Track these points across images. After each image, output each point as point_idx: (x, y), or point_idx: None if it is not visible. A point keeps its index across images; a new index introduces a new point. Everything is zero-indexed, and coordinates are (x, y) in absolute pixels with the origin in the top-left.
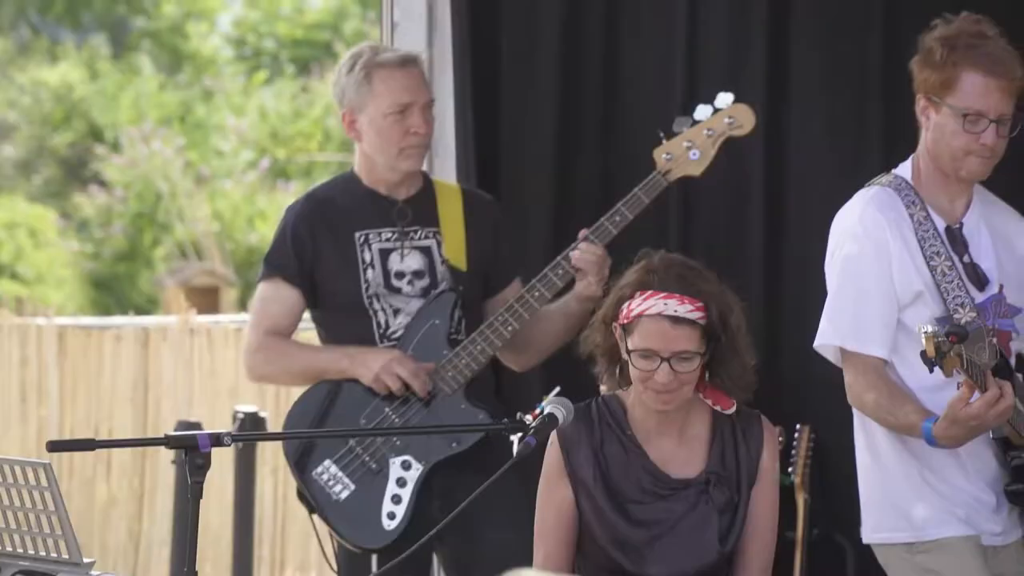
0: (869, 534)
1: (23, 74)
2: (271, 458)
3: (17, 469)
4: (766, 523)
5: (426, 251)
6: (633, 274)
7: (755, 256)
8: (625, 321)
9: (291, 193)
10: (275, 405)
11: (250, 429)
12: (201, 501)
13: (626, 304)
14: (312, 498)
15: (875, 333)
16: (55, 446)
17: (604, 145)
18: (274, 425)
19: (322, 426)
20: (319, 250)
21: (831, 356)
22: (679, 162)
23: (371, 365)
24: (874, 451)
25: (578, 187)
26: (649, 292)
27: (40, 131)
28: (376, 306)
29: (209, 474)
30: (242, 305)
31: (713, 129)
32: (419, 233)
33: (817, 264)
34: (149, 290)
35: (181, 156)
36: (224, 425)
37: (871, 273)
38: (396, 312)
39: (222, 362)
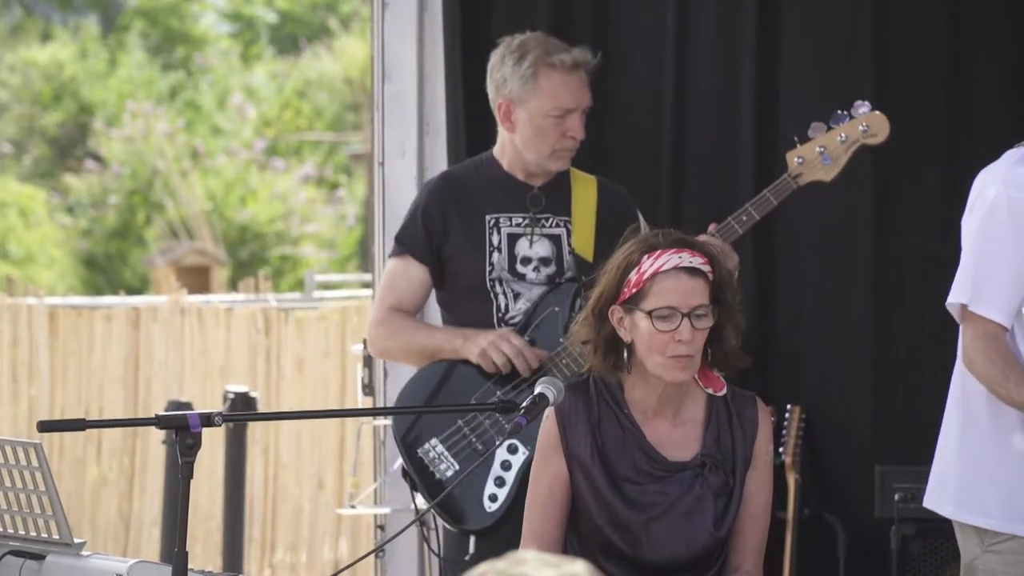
0: (954, 510)
1: (13, 54)
2: (261, 438)
3: (8, 449)
4: (761, 506)
5: (555, 239)
6: (631, 246)
7: (747, 236)
8: (635, 289)
9: (282, 172)
10: (265, 385)
11: (241, 409)
12: (192, 481)
13: (634, 271)
14: (416, 475)
15: (999, 297)
16: (45, 426)
17: (594, 131)
18: (264, 405)
19: (435, 406)
20: (448, 229)
21: (956, 315)
22: (811, 167)
23: (480, 341)
24: (971, 425)
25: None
26: (658, 251)
27: (30, 110)
28: (498, 289)
29: (200, 454)
30: (233, 285)
31: (847, 136)
32: (550, 221)
33: (808, 246)
34: (141, 269)
35: (180, 135)
36: (215, 405)
37: (1006, 235)
38: (517, 296)
39: (213, 342)
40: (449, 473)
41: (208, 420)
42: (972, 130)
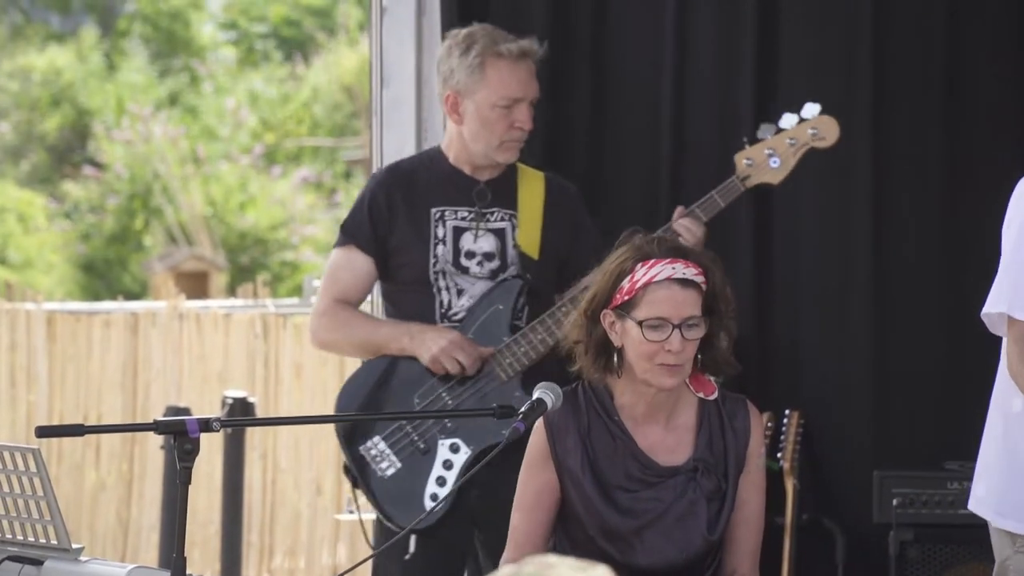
0: (995, 517)
1: (11, 60)
2: (260, 443)
3: (6, 454)
4: (754, 509)
5: (500, 234)
6: (625, 252)
7: (744, 241)
8: (627, 297)
9: (279, 178)
10: (264, 390)
11: (239, 414)
12: (190, 486)
13: (627, 279)
14: (357, 472)
15: None
16: (44, 431)
17: (593, 133)
18: (263, 411)
19: (375, 403)
20: (394, 220)
21: (993, 326)
22: (759, 169)
23: (430, 346)
24: (1012, 430)
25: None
26: (652, 260)
27: (29, 116)
28: (441, 283)
29: (198, 459)
30: (231, 290)
31: (796, 139)
32: (496, 215)
33: (807, 251)
34: (139, 275)
35: (181, 141)
36: (213, 410)
37: None
38: (460, 293)
39: (211, 347)
40: (391, 472)
41: (206, 425)
42: (971, 129)
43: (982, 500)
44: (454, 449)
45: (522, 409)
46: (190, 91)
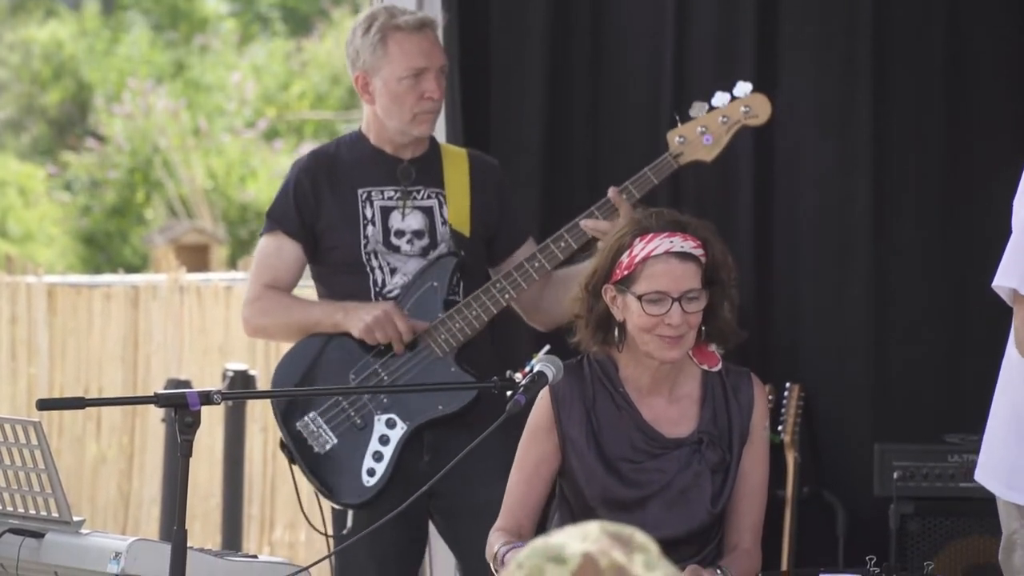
0: (1005, 491)
1: (13, 33)
2: (260, 416)
3: (7, 427)
4: (757, 481)
5: (427, 211)
6: (624, 227)
7: (745, 215)
8: (627, 272)
9: (281, 152)
10: (265, 363)
11: (240, 387)
12: (191, 459)
13: (626, 253)
14: (293, 449)
15: None
16: (45, 404)
17: (593, 124)
18: (264, 383)
19: (311, 380)
20: (320, 204)
21: (1006, 297)
22: (692, 146)
23: (364, 316)
24: (1021, 406)
25: (569, 168)
26: (651, 234)
27: (30, 89)
28: (374, 263)
29: (199, 432)
30: (232, 263)
31: (728, 117)
32: (422, 193)
33: (807, 225)
34: (140, 248)
35: (182, 114)
36: (214, 383)
37: None
38: (393, 271)
39: (212, 320)
40: (328, 447)
41: (207, 398)
42: (970, 114)
43: (990, 473)
44: (390, 424)
45: (523, 382)
46: (192, 64)
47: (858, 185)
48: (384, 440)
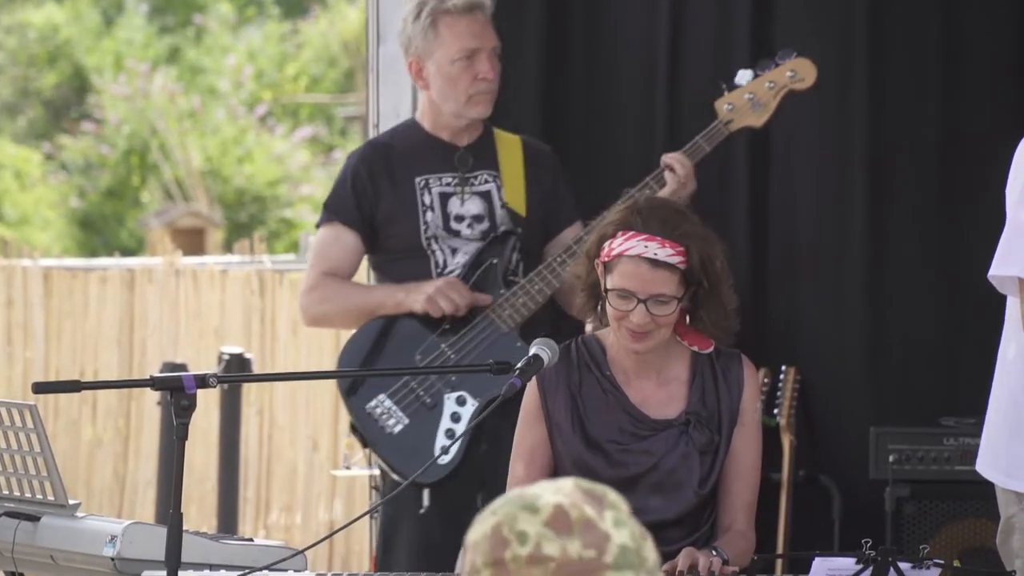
0: (1004, 479)
1: (9, 16)
2: (256, 399)
3: (3, 411)
4: (749, 463)
5: (486, 196)
6: (617, 213)
7: (740, 199)
8: (606, 259)
9: (278, 136)
10: (260, 347)
11: (236, 370)
12: (186, 442)
13: (607, 242)
14: (365, 432)
15: None
16: (40, 387)
17: (586, 126)
18: (259, 367)
19: (375, 362)
20: (379, 193)
21: (1002, 286)
22: (741, 112)
23: (426, 289)
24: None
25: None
26: (631, 232)
27: (25, 72)
28: (435, 247)
29: (194, 415)
30: (228, 247)
31: (775, 82)
32: (479, 178)
33: (803, 207)
34: (136, 231)
35: (179, 97)
36: (210, 366)
37: None
38: (455, 251)
39: (207, 304)
40: (398, 428)
41: (203, 382)
42: (966, 98)
43: (990, 463)
44: (460, 402)
45: (518, 365)
46: (189, 47)
47: (855, 172)
48: (455, 418)
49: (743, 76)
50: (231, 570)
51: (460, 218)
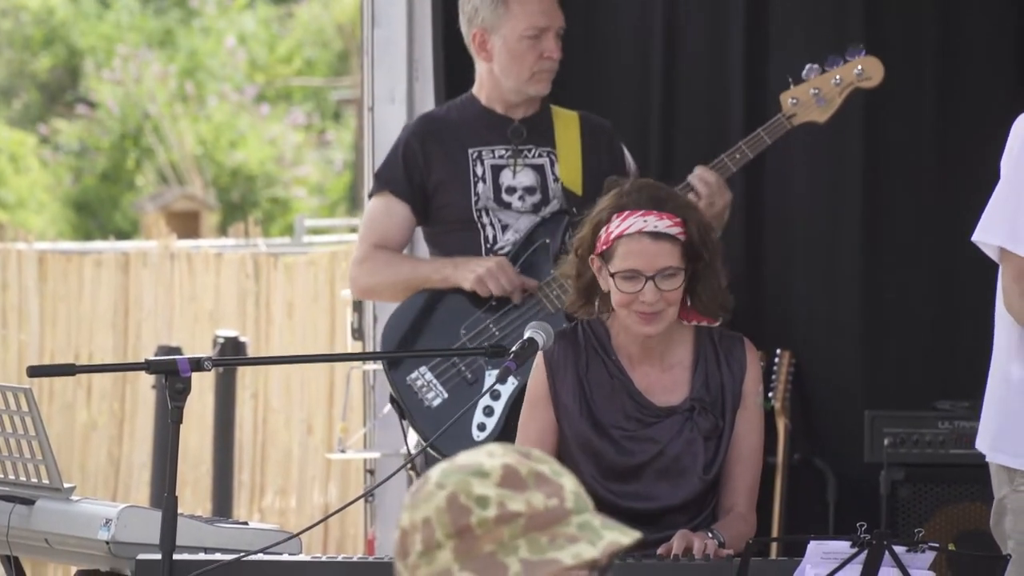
0: (990, 452)
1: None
2: (251, 383)
3: None
4: (751, 446)
5: (539, 169)
6: (605, 201)
7: (736, 183)
8: (604, 247)
9: (269, 118)
10: (255, 330)
11: (230, 354)
12: (181, 426)
13: (603, 229)
14: (404, 402)
15: None
16: (35, 371)
17: (586, 61)
18: (254, 350)
19: (419, 335)
20: (430, 164)
21: (990, 253)
22: (805, 107)
23: (475, 267)
24: (1007, 365)
25: None
26: (626, 212)
27: (20, 55)
28: (485, 220)
29: (189, 398)
30: (222, 230)
31: (841, 79)
32: (533, 152)
33: (799, 191)
34: (131, 214)
35: (172, 80)
36: (204, 350)
37: None
38: (504, 228)
39: (202, 287)
40: (437, 401)
41: (198, 365)
42: (963, 84)
43: (982, 436)
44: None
45: (513, 348)
46: (182, 30)
47: (851, 156)
48: (495, 395)
49: (810, 71)
50: (226, 553)
51: (512, 190)
